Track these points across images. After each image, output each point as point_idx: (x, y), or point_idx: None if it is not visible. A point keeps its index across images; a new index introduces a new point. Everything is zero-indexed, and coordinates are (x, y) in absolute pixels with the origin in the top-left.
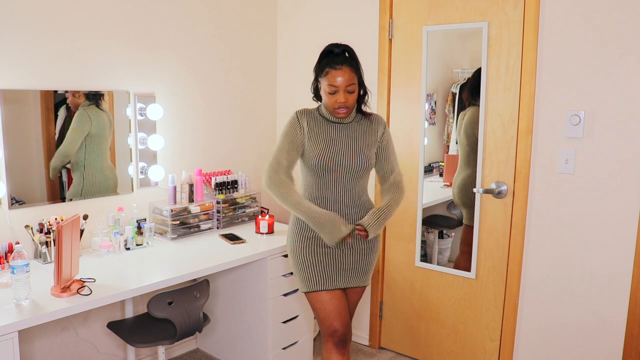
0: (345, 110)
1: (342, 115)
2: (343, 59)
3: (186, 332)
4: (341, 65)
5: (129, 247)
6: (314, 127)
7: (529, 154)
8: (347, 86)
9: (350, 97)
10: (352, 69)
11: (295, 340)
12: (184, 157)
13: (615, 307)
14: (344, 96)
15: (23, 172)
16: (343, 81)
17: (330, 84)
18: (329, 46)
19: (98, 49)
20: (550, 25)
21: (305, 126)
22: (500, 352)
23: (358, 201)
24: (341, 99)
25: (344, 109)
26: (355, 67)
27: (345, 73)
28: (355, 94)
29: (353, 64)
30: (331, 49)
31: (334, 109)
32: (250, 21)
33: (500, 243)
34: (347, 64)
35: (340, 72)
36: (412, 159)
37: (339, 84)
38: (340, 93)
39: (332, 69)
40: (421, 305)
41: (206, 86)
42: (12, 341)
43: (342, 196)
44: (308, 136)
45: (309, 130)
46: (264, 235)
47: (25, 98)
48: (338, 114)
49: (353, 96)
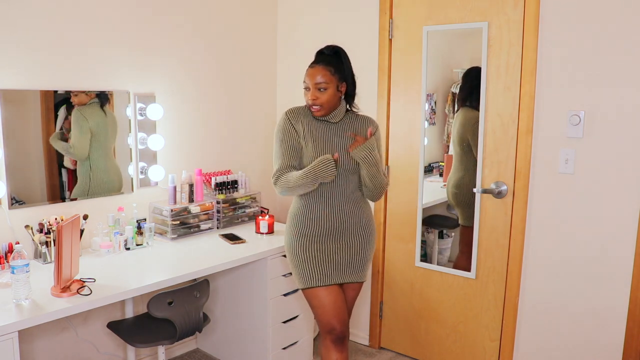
0: (317, 108)
1: (315, 112)
2: (322, 59)
3: (186, 332)
4: (316, 64)
5: (129, 247)
6: (306, 125)
7: (529, 154)
8: (318, 84)
9: (321, 95)
10: (327, 68)
11: (295, 340)
12: (184, 157)
13: (616, 306)
14: (314, 93)
15: (23, 172)
16: (314, 78)
17: (304, 81)
18: (322, 48)
19: (98, 49)
20: (550, 25)
21: (299, 127)
22: (500, 352)
23: (352, 196)
24: (311, 95)
25: (316, 106)
26: (335, 66)
27: (317, 71)
28: (327, 93)
29: (332, 62)
30: (323, 50)
31: (309, 106)
32: (250, 21)
33: (500, 243)
34: (323, 64)
35: (313, 70)
36: (412, 159)
37: (310, 81)
38: (311, 90)
39: (309, 68)
40: (421, 305)
41: (206, 86)
42: (12, 341)
43: (337, 192)
44: (302, 136)
45: (303, 129)
46: (264, 235)
47: (25, 98)
48: (313, 112)
49: (325, 95)
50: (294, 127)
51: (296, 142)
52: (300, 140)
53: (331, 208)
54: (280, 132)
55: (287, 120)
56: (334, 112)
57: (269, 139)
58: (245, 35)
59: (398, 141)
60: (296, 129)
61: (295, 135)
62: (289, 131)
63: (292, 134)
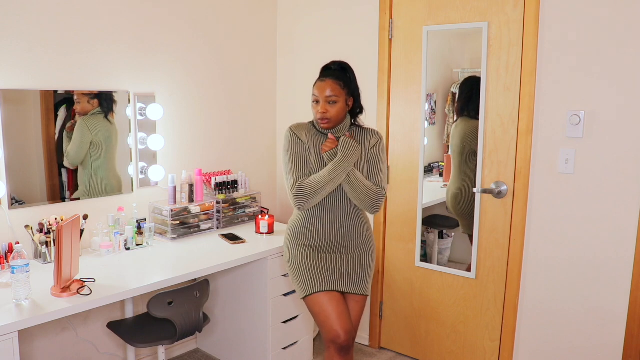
0: (326, 121)
1: (324, 125)
2: (331, 73)
3: (186, 332)
4: (326, 78)
5: (129, 247)
6: (311, 139)
7: (529, 154)
8: (328, 97)
9: (331, 109)
10: (337, 82)
11: (295, 340)
12: (184, 157)
13: (616, 306)
14: (324, 106)
15: (23, 172)
16: (324, 91)
17: (313, 93)
18: (329, 63)
19: (98, 49)
20: (550, 25)
21: (304, 138)
22: (500, 352)
23: (352, 210)
24: (321, 108)
25: (325, 120)
26: (344, 81)
27: (328, 85)
28: (337, 106)
29: (342, 77)
30: (329, 65)
31: (317, 119)
32: (250, 21)
33: (500, 243)
34: (333, 78)
35: (324, 83)
36: (412, 159)
37: (320, 94)
38: (321, 103)
39: (318, 81)
40: (421, 305)
41: (206, 86)
42: (12, 341)
43: (337, 204)
44: (308, 148)
45: (307, 141)
46: (264, 235)
47: (25, 98)
48: (321, 125)
49: (335, 108)
50: (299, 138)
51: (305, 152)
52: (307, 149)
53: (331, 222)
54: (289, 145)
55: (291, 133)
56: (339, 127)
57: (269, 139)
58: (245, 35)
59: (398, 141)
60: (301, 139)
61: (302, 145)
62: (296, 142)
63: (299, 145)
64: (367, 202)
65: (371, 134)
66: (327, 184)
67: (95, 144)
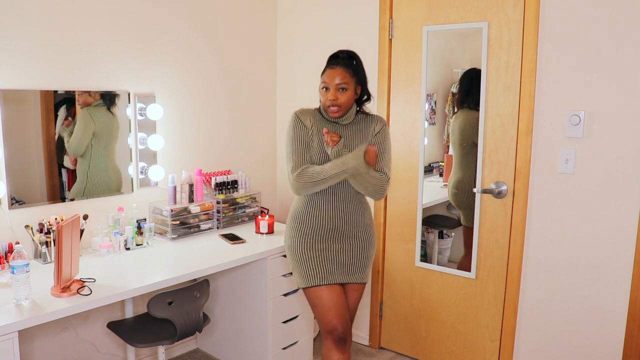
0: (336, 109)
1: (333, 113)
2: (340, 61)
3: (186, 332)
4: (336, 66)
5: (129, 247)
6: (315, 125)
7: (529, 154)
8: (338, 84)
9: (341, 96)
10: (347, 70)
11: (295, 340)
12: (184, 157)
13: (616, 306)
14: (334, 93)
15: (23, 172)
16: (334, 79)
17: (323, 80)
18: (336, 51)
19: (98, 49)
20: (550, 25)
21: (308, 124)
22: (500, 352)
23: (355, 197)
24: (331, 95)
25: (335, 107)
26: (354, 69)
27: (338, 72)
28: (347, 94)
29: (351, 65)
30: (337, 53)
31: (326, 107)
32: (250, 21)
33: (500, 243)
34: (343, 65)
35: (333, 70)
36: (412, 159)
37: (330, 81)
38: (331, 90)
39: (327, 68)
40: (421, 305)
41: (206, 86)
42: (12, 341)
43: (339, 192)
44: (310, 133)
45: (311, 126)
46: (264, 235)
47: (25, 98)
48: (330, 112)
49: (345, 95)
50: (303, 123)
51: (307, 137)
52: (310, 135)
53: (333, 208)
54: (291, 129)
55: (296, 118)
56: (346, 115)
57: (269, 138)
58: (245, 35)
59: (398, 141)
60: (305, 124)
61: (305, 130)
62: (299, 127)
63: (302, 129)
64: (371, 189)
65: (376, 121)
66: (328, 179)
67: (97, 135)
